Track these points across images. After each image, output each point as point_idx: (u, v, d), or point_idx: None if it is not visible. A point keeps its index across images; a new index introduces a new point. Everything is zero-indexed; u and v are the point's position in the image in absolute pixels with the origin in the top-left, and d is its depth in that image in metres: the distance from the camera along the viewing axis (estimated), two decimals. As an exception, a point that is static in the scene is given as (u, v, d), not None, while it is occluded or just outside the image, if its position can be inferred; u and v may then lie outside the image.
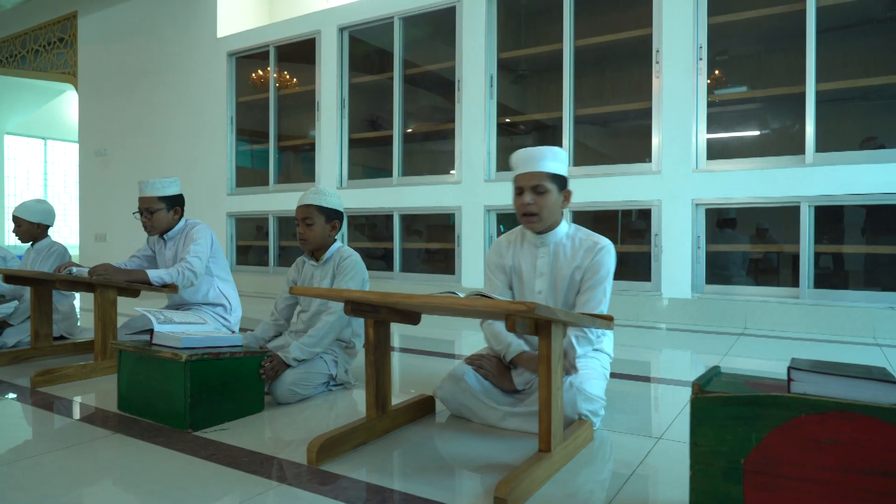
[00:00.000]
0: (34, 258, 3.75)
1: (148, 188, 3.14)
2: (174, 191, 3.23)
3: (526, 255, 2.27)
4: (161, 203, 3.16)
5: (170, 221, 3.21)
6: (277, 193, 6.87)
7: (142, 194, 3.15)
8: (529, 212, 2.13)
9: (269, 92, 7.02)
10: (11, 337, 3.54)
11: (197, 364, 2.03)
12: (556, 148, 2.15)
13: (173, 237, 3.26)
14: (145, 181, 3.14)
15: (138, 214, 3.19)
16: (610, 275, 2.16)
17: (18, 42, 10.19)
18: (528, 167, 2.13)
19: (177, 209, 3.24)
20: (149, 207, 3.14)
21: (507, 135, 5.80)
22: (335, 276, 2.62)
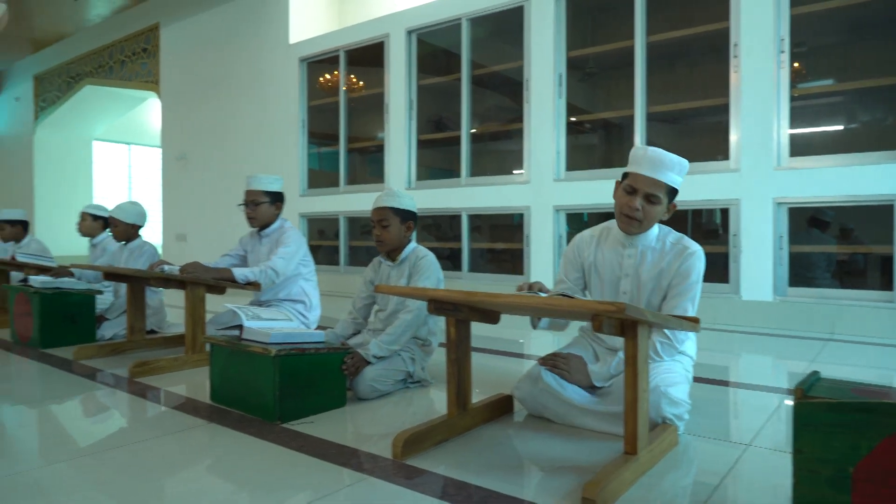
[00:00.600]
0: (127, 257, 3.99)
1: (255, 182, 3.32)
2: (278, 188, 3.40)
3: (610, 253, 2.22)
4: (266, 197, 3.33)
5: (271, 216, 3.37)
6: (347, 194, 7.03)
7: (249, 187, 3.33)
8: (634, 216, 2.04)
9: (338, 95, 7.19)
10: (108, 330, 3.77)
11: (285, 359, 2.11)
12: (684, 161, 2.04)
13: (269, 234, 3.41)
14: (253, 175, 3.34)
15: (243, 206, 3.36)
16: (699, 281, 2.09)
17: (106, 53, 10.82)
18: (651, 171, 2.00)
19: (278, 205, 3.41)
20: (254, 200, 3.31)
21: (574, 134, 5.73)
22: (411, 276, 2.67)
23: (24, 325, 3.57)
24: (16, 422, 2.27)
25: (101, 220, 4.50)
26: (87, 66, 11.31)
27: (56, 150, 13.06)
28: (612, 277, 2.21)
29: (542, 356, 2.23)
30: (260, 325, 2.33)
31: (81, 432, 2.14)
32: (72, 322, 3.55)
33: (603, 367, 2.11)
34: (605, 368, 2.11)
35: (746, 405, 2.51)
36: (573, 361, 2.14)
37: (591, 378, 2.11)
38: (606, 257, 2.22)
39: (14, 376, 2.97)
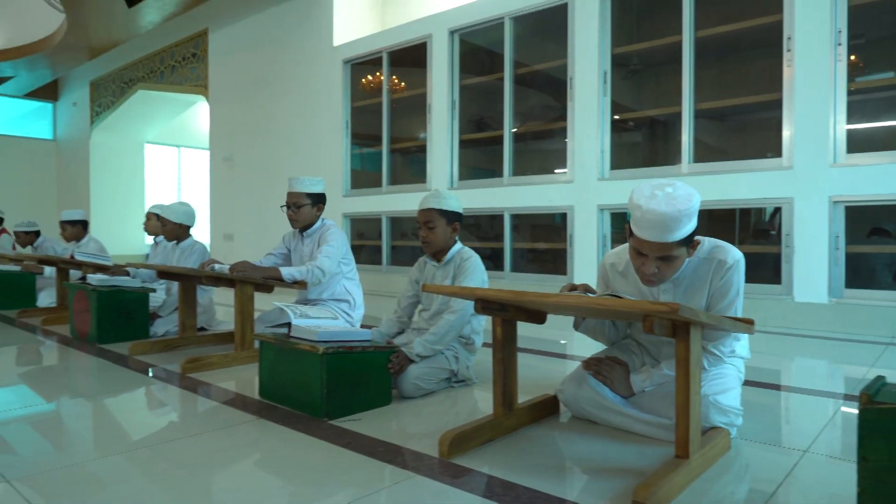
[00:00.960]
0: (178, 256, 4.10)
1: (297, 184, 3.36)
2: (319, 189, 3.44)
3: (639, 287, 2.04)
4: (308, 199, 3.37)
5: (312, 218, 3.41)
6: (390, 195, 7.09)
7: (291, 189, 3.37)
8: (653, 280, 1.87)
9: (381, 96, 7.25)
10: (161, 327, 3.89)
11: (332, 357, 2.14)
12: (691, 202, 1.73)
13: (311, 234, 3.46)
14: (295, 177, 3.38)
15: (285, 207, 3.41)
16: (741, 293, 1.97)
17: (157, 59, 11.17)
18: (655, 236, 1.74)
19: (319, 206, 3.45)
20: (296, 202, 3.35)
21: (618, 132, 5.64)
22: (456, 277, 2.67)
23: (83, 321, 3.71)
24: (75, 415, 2.36)
25: None
26: (140, 72, 11.69)
27: (110, 153, 13.56)
28: None
29: (587, 359, 2.20)
30: (308, 324, 2.37)
31: (136, 425, 2.22)
32: (127, 319, 3.67)
33: (646, 379, 2.06)
34: (648, 380, 2.06)
35: (801, 410, 2.42)
36: (617, 370, 2.09)
37: (633, 388, 2.07)
38: (637, 289, 2.06)
39: (73, 370, 3.09)
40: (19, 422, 2.22)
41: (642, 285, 2.02)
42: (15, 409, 2.37)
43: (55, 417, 2.32)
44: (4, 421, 2.23)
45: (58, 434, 2.11)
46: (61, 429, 2.18)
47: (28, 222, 5.86)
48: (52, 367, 3.20)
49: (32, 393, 2.64)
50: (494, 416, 1.99)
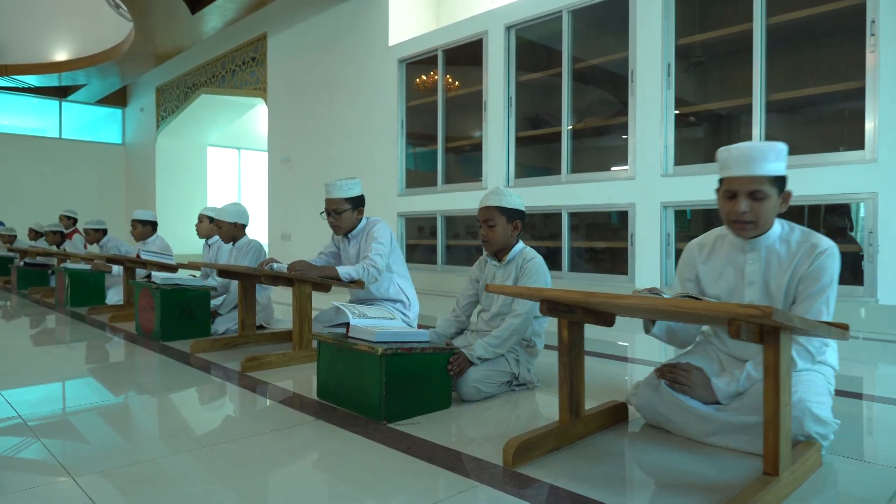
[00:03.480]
0: (236, 255, 4.15)
1: (335, 190, 3.31)
2: (357, 192, 3.39)
3: (728, 261, 2.01)
4: (347, 204, 3.32)
5: (354, 221, 3.36)
6: (445, 194, 7.04)
7: (329, 196, 3.32)
8: (743, 220, 1.86)
9: (436, 95, 7.20)
10: (221, 325, 3.94)
11: (391, 358, 2.08)
12: (777, 144, 1.83)
13: (356, 235, 3.42)
14: (331, 183, 3.31)
15: (325, 215, 3.38)
16: (834, 282, 1.85)
17: (219, 64, 11.49)
18: (744, 169, 1.81)
19: (360, 209, 3.40)
20: (336, 209, 3.30)
21: (682, 127, 5.41)
22: (518, 278, 2.58)
23: (147, 318, 3.79)
24: (139, 412, 2.39)
25: None
26: (202, 77, 12.05)
27: (175, 156, 14.04)
28: (733, 288, 2.00)
29: (661, 365, 2.06)
30: (366, 324, 2.32)
31: (197, 424, 2.22)
32: (189, 317, 3.73)
33: (730, 383, 1.91)
34: (733, 384, 1.91)
35: (891, 423, 2.22)
36: (695, 375, 1.94)
37: (715, 394, 1.92)
38: (723, 268, 2.02)
39: (138, 367, 3.15)
40: (87, 415, 2.26)
41: (726, 274, 2.00)
42: (83, 403, 2.42)
43: (121, 413, 2.35)
44: (75, 412, 2.28)
45: (123, 430, 2.13)
46: (129, 425, 2.20)
47: (97, 220, 6.08)
48: (119, 364, 3.27)
49: (100, 388, 2.70)
50: (560, 423, 1.90)
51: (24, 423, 2.17)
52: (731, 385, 1.91)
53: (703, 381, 1.94)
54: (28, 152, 14.01)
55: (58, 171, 14.32)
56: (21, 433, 2.06)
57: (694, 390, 1.93)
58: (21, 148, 13.94)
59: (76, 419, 2.24)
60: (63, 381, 2.88)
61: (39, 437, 2.01)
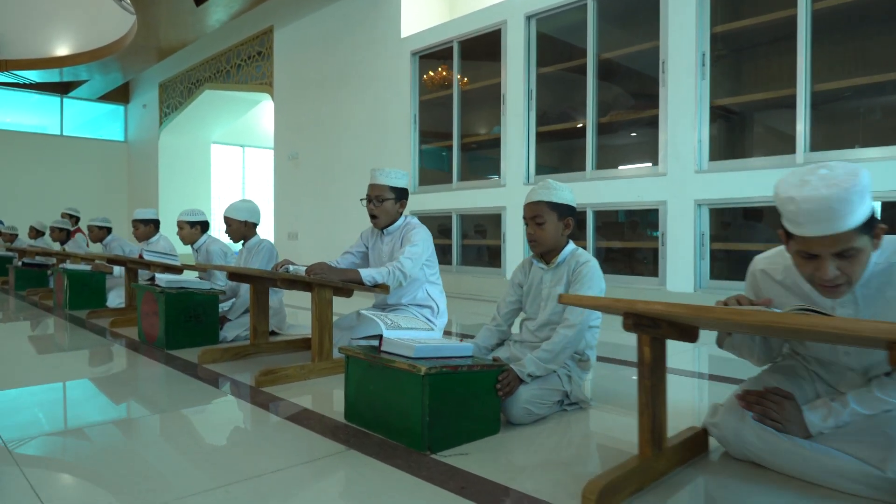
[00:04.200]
0: (246, 256, 3.86)
1: (381, 176, 3.07)
2: (403, 183, 3.15)
3: (813, 296, 1.58)
4: (391, 193, 3.07)
5: (395, 214, 3.12)
6: (460, 191, 6.74)
7: (373, 181, 3.08)
8: (835, 285, 1.43)
9: (451, 88, 6.90)
10: (231, 331, 3.65)
11: (436, 378, 1.79)
12: (858, 176, 1.34)
13: (392, 232, 3.16)
14: (379, 169, 3.09)
15: (365, 201, 3.12)
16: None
17: (223, 59, 11.20)
18: (823, 228, 1.35)
19: (403, 202, 3.16)
20: (379, 195, 3.05)
21: (717, 119, 5.11)
22: (570, 284, 2.28)
23: (151, 324, 3.50)
24: (141, 438, 2.09)
25: (199, 224, 4.36)
26: (206, 72, 11.77)
27: (178, 154, 13.76)
28: None
29: (744, 391, 1.74)
30: (401, 336, 2.03)
31: (210, 456, 1.92)
32: (196, 322, 3.44)
33: (827, 418, 1.59)
34: (831, 419, 1.59)
35: None
36: (787, 409, 1.63)
37: (809, 429, 1.62)
38: (809, 300, 1.59)
39: (140, 380, 2.86)
40: (79, 441, 1.97)
41: (818, 296, 1.56)
42: (76, 423, 2.13)
43: (118, 440, 2.05)
44: (65, 433, 1.98)
45: (119, 462, 1.83)
46: (123, 457, 1.90)
47: (101, 218, 5.80)
48: (118, 376, 2.98)
49: (96, 405, 2.41)
50: (641, 458, 1.60)
51: (4, 446, 1.88)
52: (829, 420, 1.59)
53: (797, 415, 1.63)
54: (29, 150, 13.74)
55: (59, 169, 14.05)
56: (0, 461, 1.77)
57: (786, 426, 1.62)
58: (22, 145, 13.67)
59: (65, 446, 1.95)
60: (55, 397, 2.59)
61: (21, 467, 1.71)
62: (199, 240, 4.28)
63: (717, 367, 3.15)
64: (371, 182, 3.11)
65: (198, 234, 4.26)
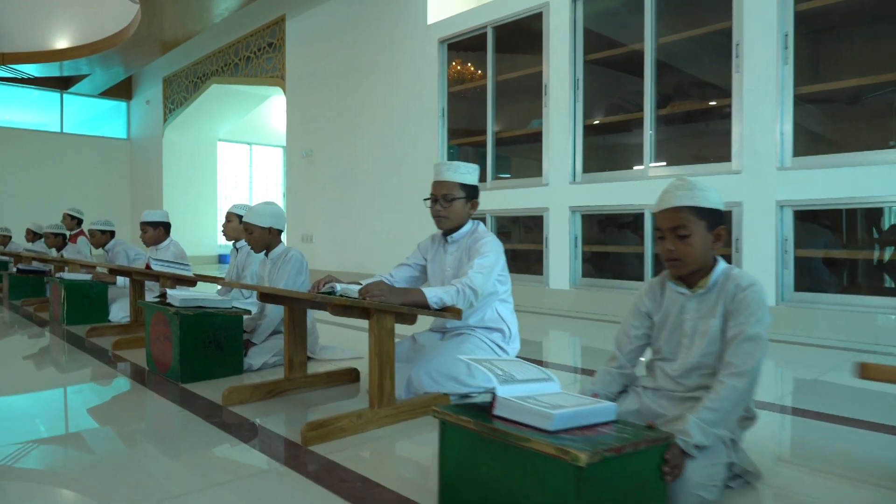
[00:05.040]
0: (270, 269, 3.28)
1: (449, 171, 2.56)
2: (474, 180, 2.64)
3: None
4: (461, 191, 2.57)
5: (464, 217, 2.61)
6: (496, 191, 6.16)
7: (440, 178, 2.57)
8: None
9: (485, 79, 6.32)
10: (256, 358, 3.07)
11: (598, 469, 1.21)
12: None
13: (458, 240, 2.63)
14: (445, 163, 2.58)
15: (430, 201, 2.60)
16: None
17: (231, 51, 10.62)
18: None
19: (474, 202, 2.64)
20: (447, 194, 2.55)
21: (803, 108, 4.51)
22: (727, 316, 1.69)
23: (162, 350, 2.92)
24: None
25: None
26: (213, 66, 11.19)
27: (183, 151, 13.19)
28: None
29: None
30: (519, 393, 1.45)
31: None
32: (216, 350, 2.86)
33: None
34: None
35: None
36: None
37: None
38: None
39: (148, 429, 2.28)
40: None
41: None
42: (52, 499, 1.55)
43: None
44: None
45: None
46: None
47: (104, 221, 5.23)
48: (120, 419, 2.39)
49: (87, 469, 1.82)
50: None
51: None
52: None
53: None
54: (27, 147, 13.17)
55: (58, 167, 13.48)
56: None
57: None
58: (20, 143, 13.10)
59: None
60: (31, 448, 2.01)
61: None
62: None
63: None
64: (437, 179, 2.59)
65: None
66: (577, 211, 5.44)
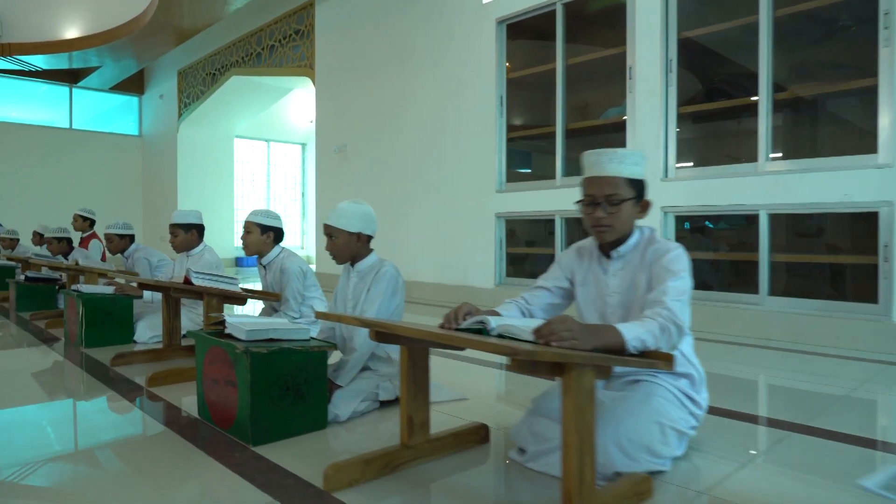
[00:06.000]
0: (357, 285, 2.57)
1: (613, 162, 1.84)
2: (641, 172, 1.87)
3: None
4: (631, 190, 1.85)
5: (630, 223, 1.90)
6: (566, 189, 5.42)
7: (601, 172, 1.85)
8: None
9: (553, 62, 5.58)
10: (343, 405, 2.32)
11: None
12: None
13: (626, 255, 1.91)
14: (606, 152, 1.84)
15: (584, 206, 1.89)
16: None
17: (253, 40, 9.91)
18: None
19: (644, 203, 1.92)
20: (614, 195, 1.83)
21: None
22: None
23: (223, 398, 2.20)
24: None
25: (271, 230, 3.25)
26: (233, 56, 10.49)
27: (199, 148, 12.50)
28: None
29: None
30: None
31: None
32: (297, 399, 2.14)
33: None
34: None
35: None
36: None
37: None
38: None
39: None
40: None
41: None
42: None
43: None
44: None
45: None
46: None
47: (122, 223, 4.53)
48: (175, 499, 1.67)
49: None
50: None
51: None
52: None
53: None
54: (35, 145, 12.48)
55: (67, 165, 12.79)
56: None
57: None
58: (27, 140, 12.42)
59: None
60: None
61: None
62: (271, 252, 3.14)
63: None
64: (595, 174, 1.86)
65: (270, 244, 3.14)
66: (670, 212, 4.71)
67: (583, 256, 2.06)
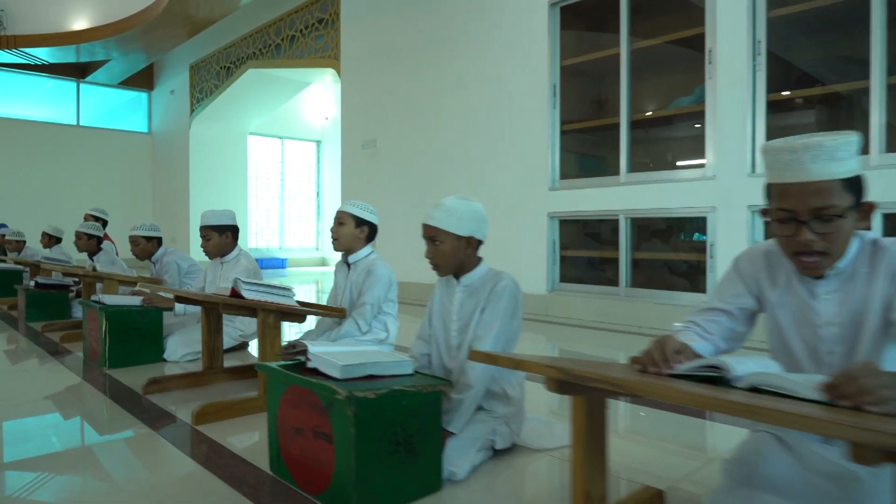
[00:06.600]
0: (463, 302, 2.06)
1: (820, 160, 1.24)
2: (857, 168, 1.33)
3: None
4: (848, 197, 1.30)
5: (848, 240, 1.37)
6: (632, 186, 4.91)
7: (803, 175, 1.26)
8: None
9: (617, 47, 5.07)
10: (460, 459, 1.79)
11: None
12: None
13: (844, 271, 1.41)
14: (805, 145, 1.25)
15: (776, 220, 1.34)
16: None
17: (272, 30, 9.42)
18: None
19: (868, 207, 1.37)
20: (826, 207, 1.27)
21: None
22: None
23: (310, 453, 1.69)
24: None
25: (366, 225, 2.80)
26: (250, 48, 10.00)
27: (212, 145, 12.01)
28: None
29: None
30: None
31: None
32: (407, 454, 1.63)
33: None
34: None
35: None
36: None
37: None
38: None
39: None
40: None
41: None
42: None
43: None
44: None
45: None
46: None
47: (150, 225, 4.03)
48: None
49: None
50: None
51: None
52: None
53: None
54: (41, 142, 12.00)
55: (75, 163, 12.31)
56: None
57: None
58: (33, 137, 11.94)
59: None
60: None
61: None
62: (362, 249, 2.70)
63: None
64: (794, 178, 1.27)
65: (363, 241, 2.64)
66: (758, 211, 4.20)
67: (774, 266, 1.52)
